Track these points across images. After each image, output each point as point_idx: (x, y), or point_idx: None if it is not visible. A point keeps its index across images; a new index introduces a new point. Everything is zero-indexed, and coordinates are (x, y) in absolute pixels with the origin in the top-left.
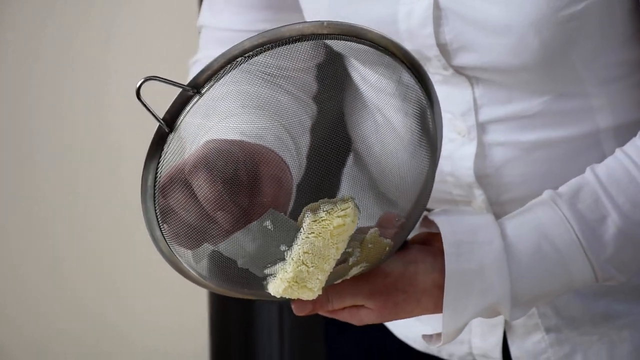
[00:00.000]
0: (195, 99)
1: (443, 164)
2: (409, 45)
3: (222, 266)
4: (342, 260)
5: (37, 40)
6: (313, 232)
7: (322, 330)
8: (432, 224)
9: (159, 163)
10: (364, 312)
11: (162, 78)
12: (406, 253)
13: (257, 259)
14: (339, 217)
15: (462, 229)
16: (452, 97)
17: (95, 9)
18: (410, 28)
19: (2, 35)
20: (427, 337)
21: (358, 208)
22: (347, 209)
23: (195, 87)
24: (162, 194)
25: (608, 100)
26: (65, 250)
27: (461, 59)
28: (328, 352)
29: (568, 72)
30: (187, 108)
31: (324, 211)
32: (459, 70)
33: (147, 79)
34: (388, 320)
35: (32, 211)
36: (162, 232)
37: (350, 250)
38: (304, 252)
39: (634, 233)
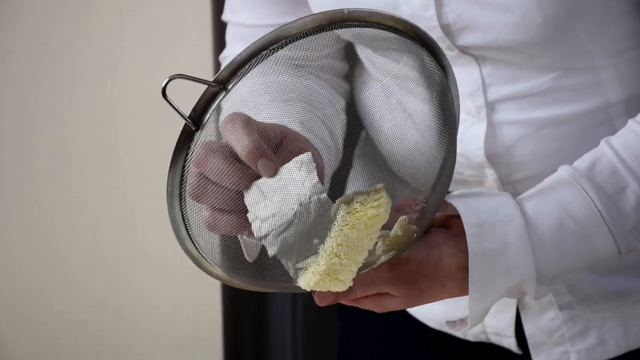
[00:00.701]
0: (222, 95)
1: None
2: None
3: (249, 262)
4: (372, 250)
5: (43, 39)
6: (347, 224)
7: (335, 308)
8: (449, 206)
9: (185, 162)
10: (387, 299)
11: (188, 76)
12: (428, 238)
13: (291, 251)
14: (372, 207)
15: (481, 209)
16: (459, 78)
17: (104, 6)
18: (413, 11)
19: (8, 33)
20: (452, 323)
21: (389, 198)
22: (380, 199)
23: (221, 83)
24: (198, 177)
25: (617, 74)
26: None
27: (465, 39)
28: (342, 330)
29: (575, 47)
30: (214, 105)
31: (357, 202)
32: (464, 50)
33: (172, 77)
34: (412, 306)
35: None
36: (188, 232)
37: (380, 239)
38: (338, 245)
39: None
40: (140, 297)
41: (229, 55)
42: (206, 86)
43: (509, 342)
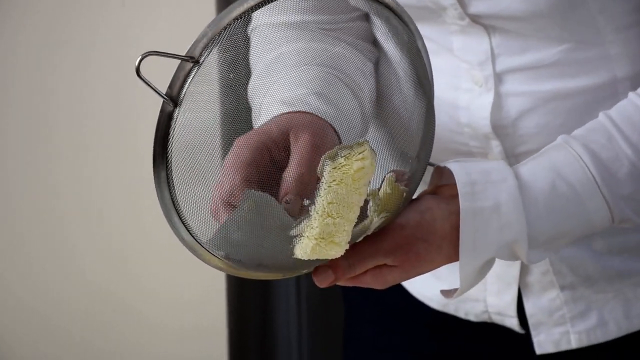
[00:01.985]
0: (196, 69)
1: (460, 115)
2: None
3: (246, 247)
4: (364, 212)
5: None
6: (335, 180)
7: (339, 294)
8: (442, 175)
9: (168, 143)
10: (386, 271)
11: (161, 52)
12: (419, 202)
13: (283, 223)
14: (357, 160)
15: (475, 170)
16: (469, 47)
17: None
18: None
19: None
20: (445, 292)
21: (374, 151)
22: (364, 151)
23: (193, 57)
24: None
25: (625, 49)
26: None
27: (476, 7)
28: (346, 312)
29: (584, 19)
30: (189, 79)
31: (341, 157)
32: (475, 20)
33: (145, 55)
34: (412, 276)
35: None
36: (180, 217)
37: (370, 197)
38: (329, 203)
39: None
40: (145, 287)
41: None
42: (179, 61)
43: (511, 322)
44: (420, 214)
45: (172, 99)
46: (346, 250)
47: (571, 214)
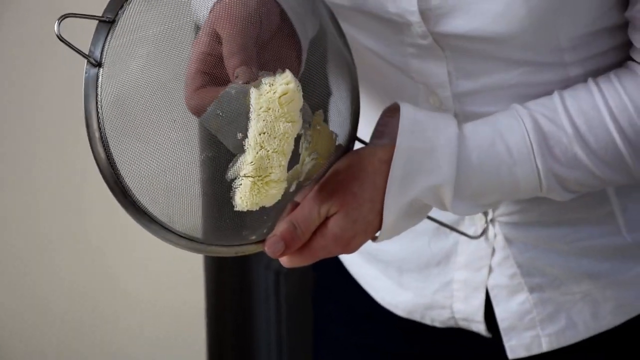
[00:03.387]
0: (114, 28)
1: None
2: (392, 8)
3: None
4: (295, 157)
5: None
6: (261, 107)
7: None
8: (393, 113)
9: (97, 102)
10: (331, 223)
11: (78, 14)
12: (349, 152)
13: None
14: (281, 84)
15: (422, 113)
16: (426, 70)
17: None
18: None
19: None
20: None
21: (297, 81)
22: (287, 76)
23: (111, 15)
24: None
25: (584, 70)
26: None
27: (445, 26)
28: (315, 318)
29: (549, 42)
30: (109, 38)
31: (265, 84)
32: (438, 39)
33: (63, 17)
34: (355, 220)
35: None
36: (120, 180)
37: (301, 133)
38: (260, 134)
39: (583, 153)
40: (122, 290)
41: None
42: (97, 22)
43: (478, 327)
44: (349, 157)
45: (95, 59)
46: (286, 217)
47: (501, 174)
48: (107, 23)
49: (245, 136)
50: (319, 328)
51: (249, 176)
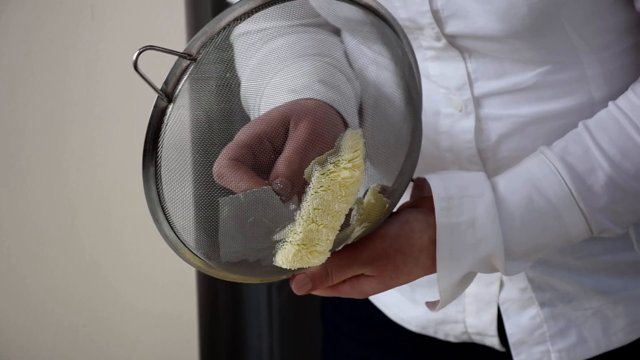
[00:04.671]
0: (192, 66)
1: (441, 139)
2: (403, 14)
3: (227, 246)
4: (346, 221)
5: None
6: (322, 186)
7: (314, 310)
8: (423, 187)
9: (158, 139)
10: (364, 281)
11: (159, 47)
12: (399, 215)
13: (266, 222)
14: (345, 168)
15: (453, 184)
16: (445, 73)
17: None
18: None
19: None
20: (430, 304)
21: (365, 159)
22: (354, 159)
23: (192, 54)
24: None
25: (602, 70)
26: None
27: (453, 27)
28: (325, 333)
29: (560, 39)
30: (185, 76)
31: (331, 163)
32: (451, 41)
33: (143, 49)
34: (389, 287)
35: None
36: (165, 214)
37: (354, 206)
38: (314, 209)
39: (625, 183)
40: (116, 301)
41: None
42: (177, 57)
43: (492, 341)
44: (399, 226)
45: (167, 94)
46: None
47: (548, 227)
48: (185, 60)
49: (298, 208)
50: (328, 344)
51: (295, 244)
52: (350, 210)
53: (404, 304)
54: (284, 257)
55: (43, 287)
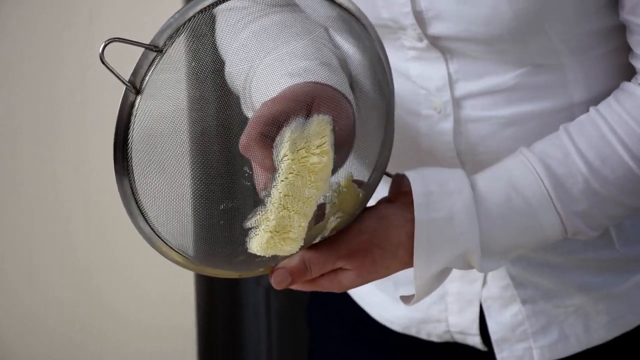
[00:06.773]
0: (159, 58)
1: (420, 141)
2: (385, 14)
3: (205, 240)
4: (320, 211)
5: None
6: (292, 172)
7: (304, 313)
8: (401, 183)
9: (128, 132)
10: (342, 275)
11: (125, 39)
12: (376, 209)
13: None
14: (314, 154)
15: (432, 180)
16: (426, 73)
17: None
18: None
19: None
20: (404, 298)
21: (333, 146)
22: (323, 144)
23: (156, 46)
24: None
25: (582, 72)
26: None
27: (436, 28)
28: (310, 334)
29: (542, 43)
30: (152, 68)
31: (301, 149)
32: (433, 42)
33: (109, 41)
34: (367, 280)
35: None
36: (139, 208)
37: (327, 194)
38: (285, 195)
39: (603, 189)
40: (113, 307)
41: None
42: (143, 49)
43: (474, 340)
44: (377, 220)
45: (134, 86)
46: (303, 253)
47: (525, 227)
48: (152, 52)
49: (269, 194)
50: (314, 344)
51: (267, 231)
52: (324, 198)
53: (387, 304)
54: (258, 244)
55: (36, 294)
